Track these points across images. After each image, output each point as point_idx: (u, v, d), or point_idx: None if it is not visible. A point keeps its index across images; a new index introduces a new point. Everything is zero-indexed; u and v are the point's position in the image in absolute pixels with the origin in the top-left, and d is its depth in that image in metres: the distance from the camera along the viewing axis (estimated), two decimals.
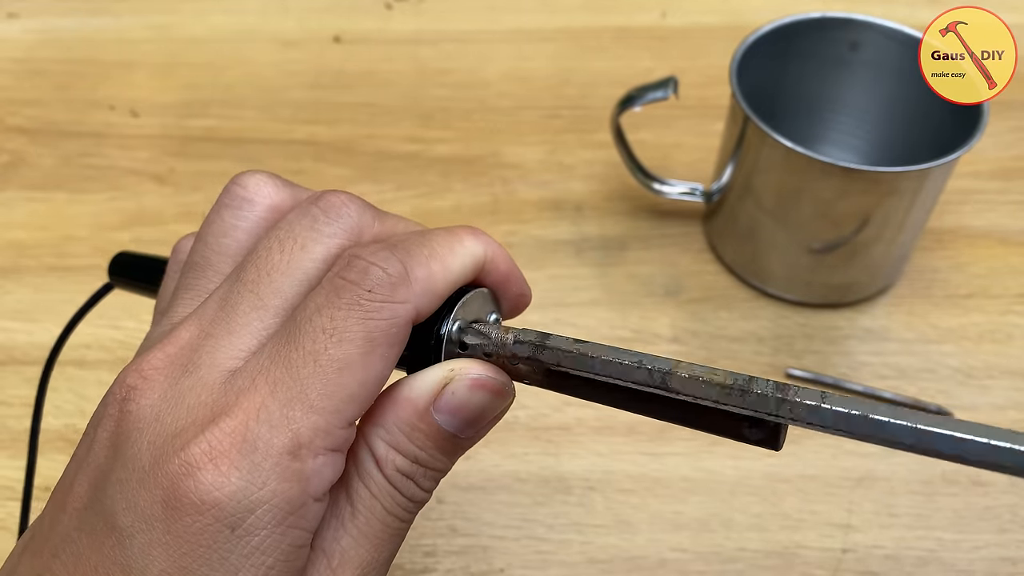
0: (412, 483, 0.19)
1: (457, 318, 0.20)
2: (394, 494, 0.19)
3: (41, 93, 0.49)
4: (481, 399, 0.19)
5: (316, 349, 0.17)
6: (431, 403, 0.19)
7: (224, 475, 0.16)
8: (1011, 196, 0.44)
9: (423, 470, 0.19)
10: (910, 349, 0.38)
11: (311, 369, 0.17)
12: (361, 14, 0.54)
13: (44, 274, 0.40)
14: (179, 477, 0.17)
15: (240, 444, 0.17)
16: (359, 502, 0.18)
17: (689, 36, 0.53)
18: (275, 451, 0.17)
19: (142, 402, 0.18)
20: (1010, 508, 0.33)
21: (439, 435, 0.19)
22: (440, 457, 0.19)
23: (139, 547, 0.17)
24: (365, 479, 0.18)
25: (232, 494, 0.16)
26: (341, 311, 0.17)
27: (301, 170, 0.45)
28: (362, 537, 0.18)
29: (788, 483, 0.34)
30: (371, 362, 0.17)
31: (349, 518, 0.18)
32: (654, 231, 0.42)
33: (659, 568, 0.31)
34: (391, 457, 0.18)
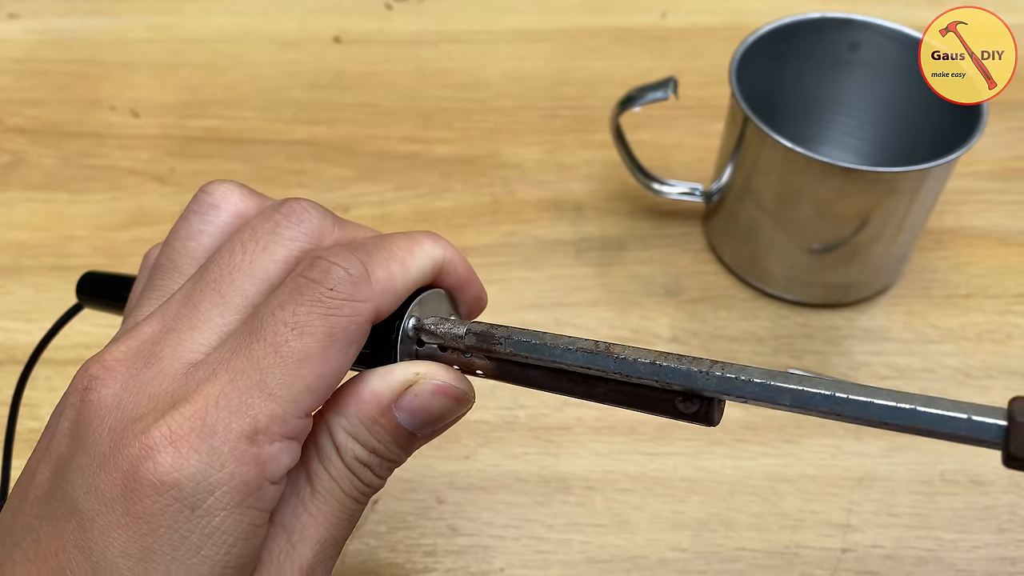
0: (368, 471, 0.20)
1: (413, 314, 0.21)
2: (352, 479, 0.20)
3: (42, 93, 0.49)
4: (442, 404, 0.20)
5: (277, 341, 0.18)
6: (393, 401, 0.20)
7: (184, 457, 0.17)
8: (1011, 196, 0.44)
9: (379, 460, 0.20)
10: (909, 349, 0.38)
11: (271, 360, 0.18)
12: (361, 15, 0.54)
13: (44, 274, 0.40)
14: (139, 460, 0.17)
15: (200, 428, 0.17)
16: (319, 483, 0.19)
17: (689, 36, 0.53)
18: (233, 435, 0.17)
19: (103, 391, 0.18)
20: (1009, 508, 0.33)
21: (397, 431, 0.20)
22: (396, 450, 0.20)
23: (99, 529, 0.17)
24: (326, 463, 0.19)
25: (191, 475, 0.17)
26: (303, 307, 0.18)
27: (302, 170, 0.45)
28: (320, 516, 0.19)
29: (788, 483, 0.34)
30: (330, 356, 0.18)
31: (309, 498, 0.19)
32: (654, 231, 0.42)
33: (659, 568, 0.32)
34: (351, 446, 0.19)
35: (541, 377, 0.21)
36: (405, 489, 0.33)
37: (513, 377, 0.21)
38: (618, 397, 0.20)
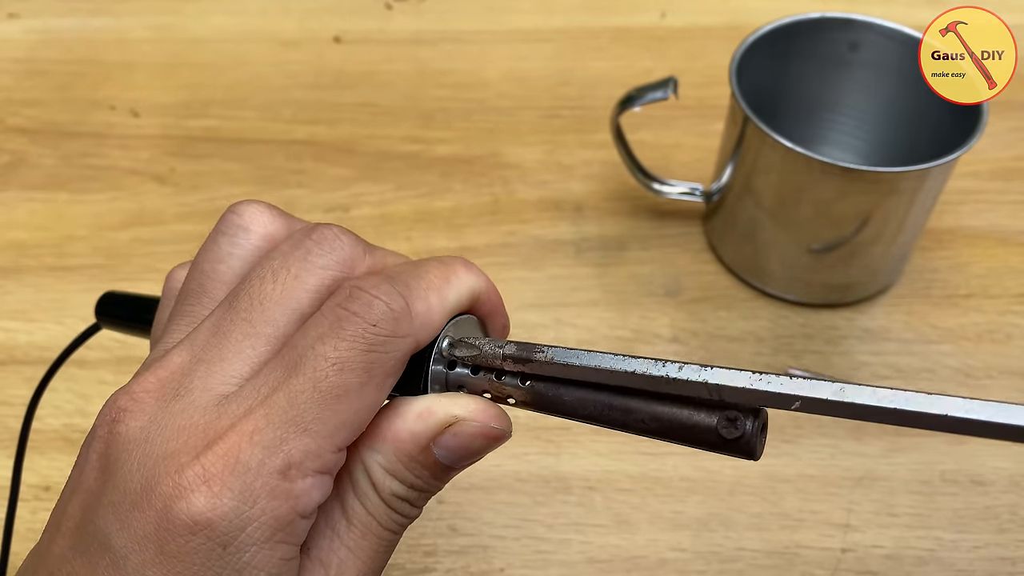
0: (406, 504, 0.20)
1: (448, 334, 0.21)
2: (389, 513, 0.19)
3: (42, 93, 0.49)
4: (481, 444, 0.20)
5: (317, 376, 0.18)
6: (432, 439, 0.19)
7: (216, 496, 0.17)
8: (1011, 196, 0.44)
9: (417, 494, 0.20)
10: (909, 349, 0.38)
11: (309, 395, 0.18)
12: (361, 15, 0.54)
13: (44, 274, 0.40)
14: (172, 499, 0.17)
15: (233, 466, 0.17)
16: (355, 518, 0.19)
17: (688, 36, 0.53)
18: (267, 471, 0.17)
19: (131, 424, 0.18)
20: (1009, 508, 0.33)
21: (436, 466, 0.20)
22: (433, 483, 0.20)
23: (133, 568, 0.17)
24: (363, 499, 0.19)
25: (224, 514, 0.17)
26: (345, 342, 0.18)
27: (302, 170, 0.45)
28: (358, 550, 0.19)
29: (788, 483, 0.34)
30: (368, 392, 0.18)
31: (346, 532, 0.19)
32: (654, 231, 0.42)
33: (659, 568, 0.32)
34: (388, 483, 0.19)
35: (577, 399, 0.20)
36: None
37: (547, 401, 0.20)
38: (657, 426, 0.19)
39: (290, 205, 0.43)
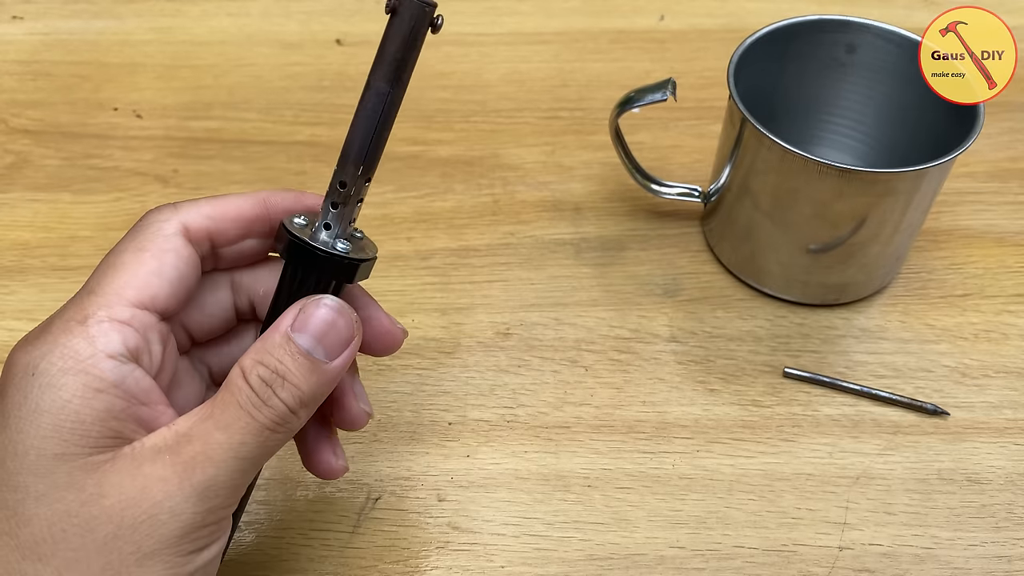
0: (271, 391, 0.23)
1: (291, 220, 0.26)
2: (251, 396, 0.23)
3: (45, 95, 0.49)
4: (326, 314, 0.24)
5: (97, 267, 0.24)
6: (290, 325, 0.23)
7: (29, 342, 0.22)
8: (1007, 197, 0.45)
9: (281, 381, 0.23)
10: (906, 348, 0.38)
11: (94, 276, 0.24)
12: (363, 17, 0.54)
13: (48, 274, 0.41)
14: (8, 355, 0.22)
15: (45, 325, 0.23)
16: (220, 395, 0.23)
17: (687, 39, 0.53)
18: (64, 321, 0.22)
19: None
20: (1006, 506, 0.33)
21: (298, 352, 0.23)
22: (298, 374, 0.23)
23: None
24: (230, 385, 0.23)
25: (31, 351, 0.22)
26: (118, 242, 0.25)
27: (303, 171, 0.45)
28: (213, 421, 0.22)
29: (785, 481, 0.34)
30: (142, 258, 0.24)
31: (208, 406, 0.23)
32: (652, 232, 0.43)
33: (657, 565, 0.32)
34: (256, 370, 0.23)
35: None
36: (406, 487, 0.34)
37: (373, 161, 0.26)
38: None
39: None
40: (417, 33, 0.25)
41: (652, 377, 0.37)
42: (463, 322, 0.39)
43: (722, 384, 0.37)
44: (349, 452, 0.35)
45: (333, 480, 0.33)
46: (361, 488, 0.34)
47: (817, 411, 0.36)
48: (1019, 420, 0.36)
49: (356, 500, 0.33)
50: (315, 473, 0.28)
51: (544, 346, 0.38)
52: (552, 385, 0.37)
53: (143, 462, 0.22)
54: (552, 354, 0.38)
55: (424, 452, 0.35)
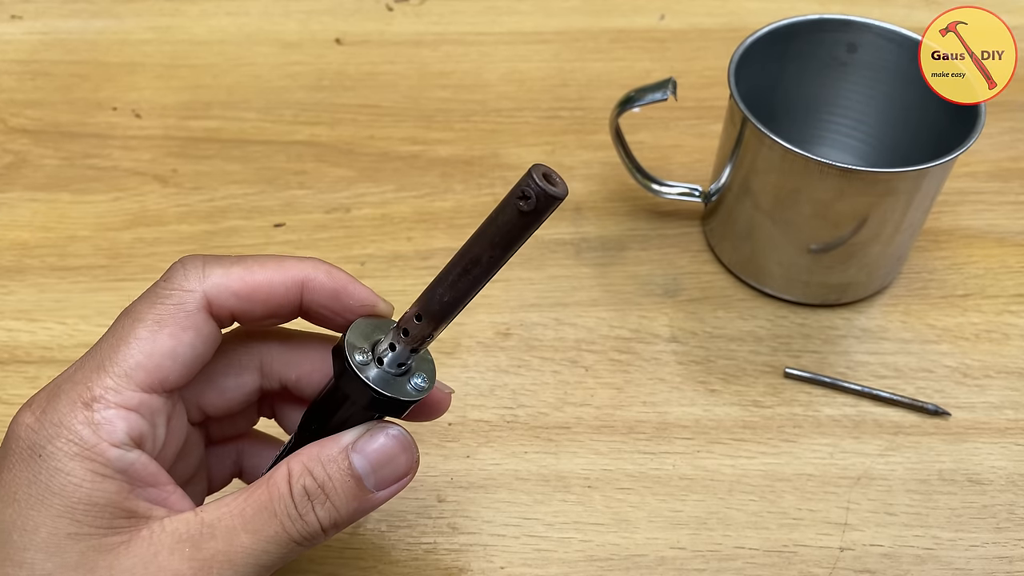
0: (310, 505, 0.22)
1: (354, 345, 0.23)
2: (290, 507, 0.22)
3: (44, 95, 0.49)
4: (391, 445, 0.23)
5: (115, 328, 0.22)
6: (351, 444, 0.23)
7: (35, 416, 0.21)
8: (1008, 197, 0.44)
9: (324, 498, 0.22)
10: (907, 349, 0.38)
11: (109, 343, 0.22)
12: (362, 16, 0.54)
13: (47, 274, 0.41)
14: (11, 423, 0.22)
15: (51, 398, 0.21)
16: (256, 494, 0.22)
17: (687, 38, 0.53)
18: (71, 400, 0.21)
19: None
20: (1007, 507, 0.33)
21: (350, 472, 0.22)
22: (343, 495, 0.22)
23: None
24: (271, 487, 0.22)
25: (38, 430, 0.21)
26: (140, 299, 0.23)
27: (303, 171, 0.45)
28: (242, 521, 0.21)
29: (786, 481, 0.34)
30: (159, 337, 0.22)
31: (240, 501, 0.22)
32: (653, 232, 0.43)
33: (658, 566, 0.32)
34: (303, 479, 0.22)
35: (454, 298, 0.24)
36: (406, 487, 0.33)
37: (446, 315, 0.24)
38: (498, 250, 0.24)
39: (291, 206, 0.44)
40: (541, 221, 0.23)
41: (652, 377, 0.37)
42: (463, 322, 0.39)
43: (723, 384, 0.37)
44: None
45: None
46: None
47: (818, 411, 0.36)
48: (1020, 420, 0.36)
49: None
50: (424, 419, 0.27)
51: (544, 346, 0.38)
52: (552, 385, 0.37)
53: (160, 550, 0.21)
54: (552, 354, 0.38)
55: (424, 453, 0.34)
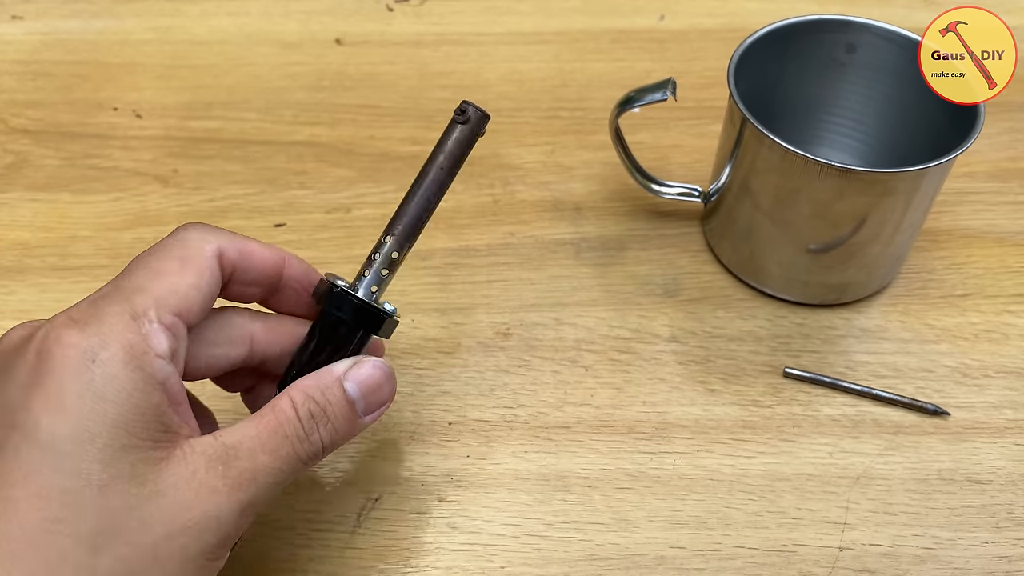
0: (315, 426, 0.25)
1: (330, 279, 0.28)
2: (297, 427, 0.25)
3: (45, 95, 0.49)
4: (377, 374, 0.27)
5: (147, 262, 0.25)
6: (343, 373, 0.26)
7: (81, 329, 0.22)
8: (1007, 197, 0.45)
9: (326, 420, 0.25)
10: (906, 348, 0.38)
11: (139, 275, 0.24)
12: (362, 17, 0.54)
13: (48, 274, 0.41)
14: (45, 339, 0.22)
15: (94, 312, 0.23)
16: (269, 419, 0.24)
17: (687, 39, 0.53)
18: (119, 313, 0.23)
19: (13, 334, 0.24)
20: (1006, 507, 0.33)
21: (344, 398, 0.26)
22: (341, 418, 0.26)
23: (19, 403, 0.22)
24: (278, 412, 0.25)
25: (89, 338, 0.22)
26: (154, 249, 0.26)
27: (303, 171, 0.45)
28: (260, 443, 0.24)
29: (786, 481, 0.34)
30: (186, 272, 0.25)
31: (253, 426, 0.24)
32: (652, 232, 0.43)
33: (657, 565, 0.32)
34: (308, 404, 0.25)
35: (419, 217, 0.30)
36: (406, 487, 0.34)
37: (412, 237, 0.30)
38: (450, 164, 0.31)
39: (292, 206, 0.44)
40: (475, 136, 0.31)
41: (652, 377, 0.37)
42: (463, 322, 0.39)
43: (722, 384, 0.37)
44: (350, 452, 0.35)
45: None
46: (361, 488, 0.34)
47: (817, 411, 0.36)
48: (1019, 420, 0.36)
49: (356, 500, 0.33)
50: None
51: (544, 346, 0.38)
52: (552, 385, 0.37)
53: (198, 468, 0.23)
54: (552, 354, 0.38)
55: (424, 452, 0.35)
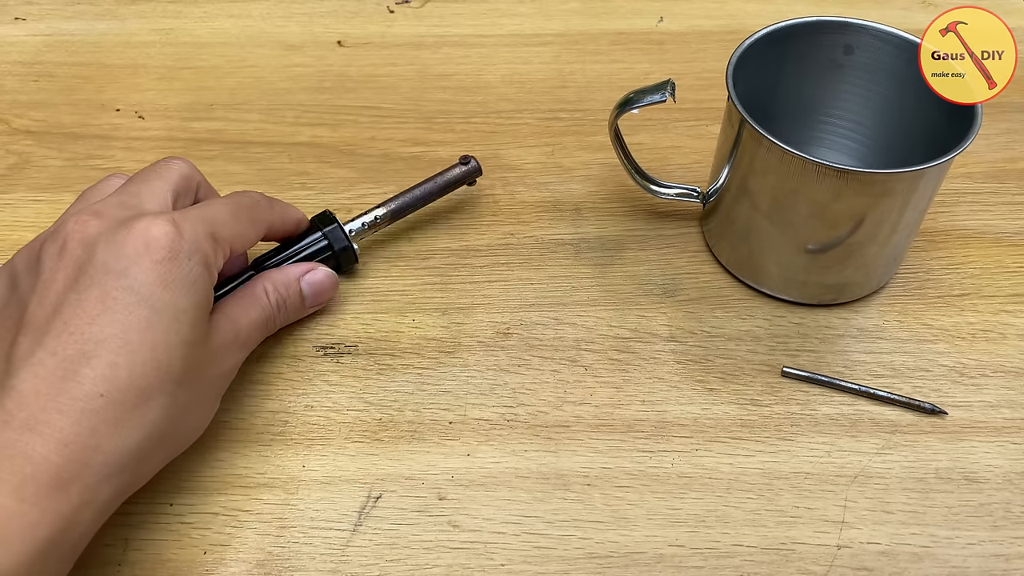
0: (279, 311, 0.36)
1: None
2: (269, 308, 0.35)
3: (48, 96, 0.50)
4: (326, 280, 0.37)
5: (233, 200, 0.35)
6: (302, 275, 0.37)
7: (179, 232, 0.30)
8: (1004, 197, 0.45)
9: (285, 306, 0.36)
10: (904, 348, 0.38)
11: (215, 211, 0.33)
12: (364, 19, 0.55)
13: None
14: (150, 228, 0.29)
15: (187, 223, 0.30)
16: (258, 302, 0.35)
17: (686, 40, 0.53)
18: (204, 231, 0.31)
19: (97, 223, 0.30)
20: (1003, 505, 0.34)
21: (300, 293, 0.37)
22: (295, 306, 0.37)
23: (134, 273, 0.28)
24: (259, 295, 0.35)
25: (185, 242, 0.30)
26: (236, 201, 0.35)
27: (305, 171, 0.46)
28: (251, 314, 0.34)
29: (784, 480, 0.34)
30: (252, 231, 0.35)
31: (249, 306, 0.34)
32: (652, 232, 0.43)
33: (656, 563, 0.32)
34: (275, 294, 0.35)
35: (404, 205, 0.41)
36: (407, 486, 0.34)
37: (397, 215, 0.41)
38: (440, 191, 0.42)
39: (293, 206, 0.44)
40: (467, 178, 0.42)
41: (651, 376, 0.37)
42: (463, 322, 0.39)
43: (721, 383, 0.37)
44: (350, 451, 0.35)
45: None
46: (362, 487, 0.34)
47: (815, 410, 0.36)
48: (1016, 419, 0.36)
49: (357, 499, 0.33)
50: None
51: (544, 346, 0.38)
52: (552, 384, 0.37)
53: (226, 335, 0.33)
54: (552, 353, 0.38)
55: (425, 451, 0.35)
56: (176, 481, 0.33)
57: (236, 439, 0.35)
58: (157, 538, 0.32)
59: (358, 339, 0.38)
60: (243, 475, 0.34)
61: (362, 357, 0.38)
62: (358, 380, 0.37)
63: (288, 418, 0.36)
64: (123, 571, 0.31)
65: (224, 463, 0.34)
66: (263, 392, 0.36)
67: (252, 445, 0.35)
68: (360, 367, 0.37)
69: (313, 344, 0.38)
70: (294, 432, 0.35)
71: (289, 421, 0.36)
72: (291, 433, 0.35)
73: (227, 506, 0.33)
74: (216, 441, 0.35)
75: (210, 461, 0.34)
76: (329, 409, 0.36)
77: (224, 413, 0.35)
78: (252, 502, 0.33)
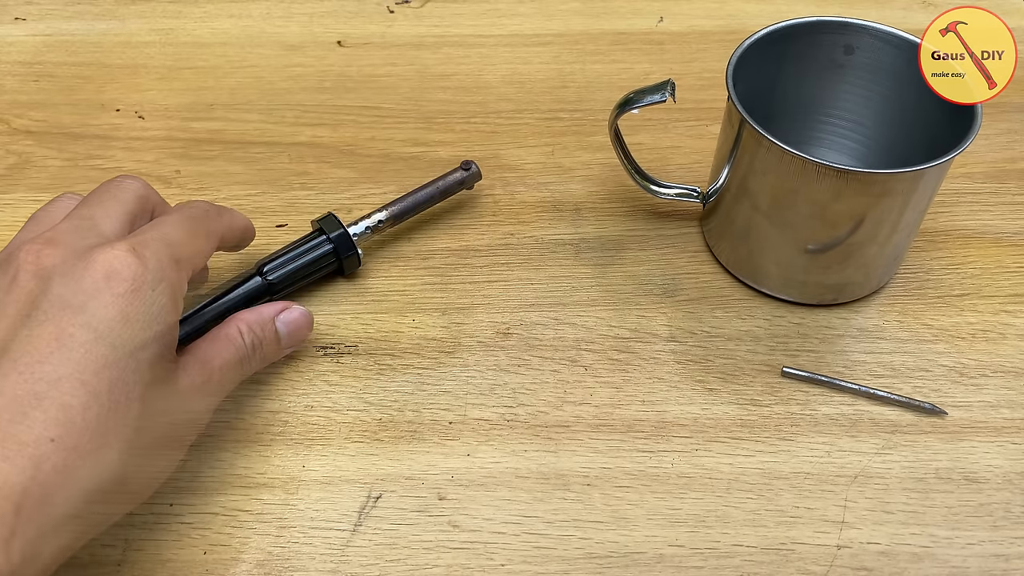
0: (254, 352, 0.34)
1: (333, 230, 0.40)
2: (243, 349, 0.33)
3: (48, 96, 0.50)
4: (301, 320, 0.36)
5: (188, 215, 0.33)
6: (277, 314, 0.35)
7: (144, 261, 0.28)
8: (1004, 197, 0.45)
9: (261, 348, 0.34)
10: (904, 348, 0.38)
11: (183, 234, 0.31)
12: (364, 19, 0.55)
13: None
14: (113, 261, 0.28)
15: (149, 248, 0.29)
16: (232, 343, 0.33)
17: (686, 40, 0.53)
18: (168, 257, 0.29)
19: (54, 252, 0.28)
20: (1003, 505, 0.34)
21: (276, 335, 0.35)
22: (271, 348, 0.35)
23: (92, 309, 0.27)
24: (232, 338, 0.33)
25: (149, 271, 0.28)
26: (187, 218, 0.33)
27: (305, 172, 0.46)
28: (224, 355, 0.32)
29: (784, 480, 0.34)
30: (208, 244, 0.33)
31: (223, 348, 0.32)
32: (651, 232, 0.43)
33: (656, 563, 0.32)
34: (250, 335, 0.33)
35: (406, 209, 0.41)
36: (407, 486, 0.34)
37: (398, 217, 0.41)
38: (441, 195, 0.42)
39: (293, 206, 0.44)
40: (466, 182, 0.42)
41: (651, 376, 0.37)
42: (463, 322, 0.39)
43: (721, 383, 0.37)
44: (350, 450, 0.35)
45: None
46: (362, 487, 0.34)
47: (815, 410, 0.36)
48: (1016, 419, 0.36)
49: (357, 499, 0.33)
50: None
51: (544, 346, 0.38)
52: (552, 384, 0.37)
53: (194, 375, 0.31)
54: (552, 354, 0.38)
55: (425, 451, 0.35)
56: (176, 481, 0.33)
57: (236, 439, 0.35)
58: (157, 538, 0.32)
59: (358, 339, 0.38)
60: (243, 475, 0.34)
61: (362, 357, 0.38)
62: (358, 380, 0.37)
63: (288, 418, 0.36)
64: (123, 571, 0.31)
65: (224, 463, 0.34)
66: (263, 392, 0.36)
67: (252, 445, 0.35)
68: (360, 367, 0.37)
69: (313, 344, 0.38)
70: (294, 432, 0.35)
71: (289, 421, 0.36)
72: (291, 433, 0.35)
73: (227, 506, 0.33)
74: (216, 441, 0.35)
75: (210, 461, 0.34)
76: (329, 409, 0.36)
77: (224, 413, 0.35)
78: (252, 502, 0.33)
